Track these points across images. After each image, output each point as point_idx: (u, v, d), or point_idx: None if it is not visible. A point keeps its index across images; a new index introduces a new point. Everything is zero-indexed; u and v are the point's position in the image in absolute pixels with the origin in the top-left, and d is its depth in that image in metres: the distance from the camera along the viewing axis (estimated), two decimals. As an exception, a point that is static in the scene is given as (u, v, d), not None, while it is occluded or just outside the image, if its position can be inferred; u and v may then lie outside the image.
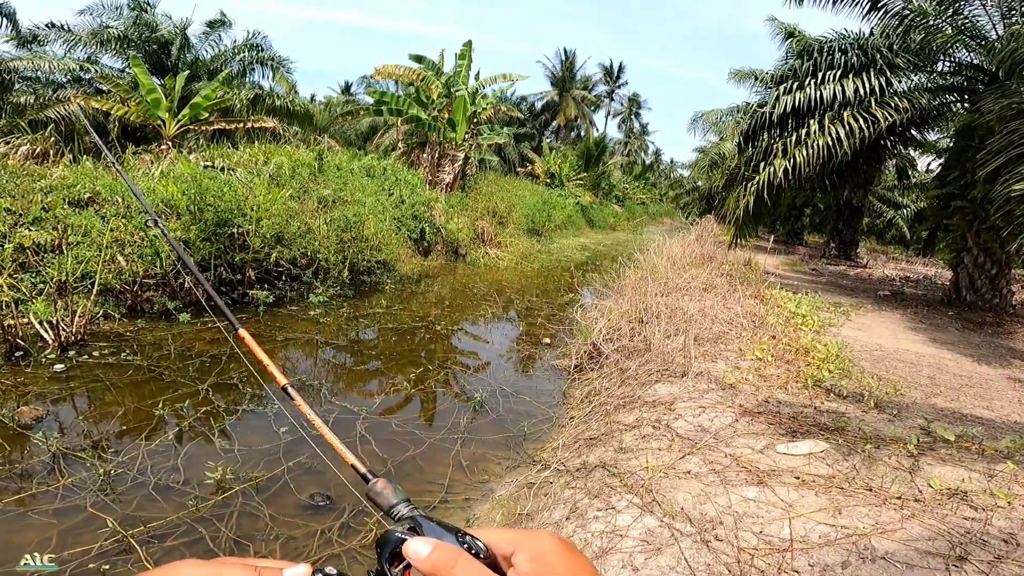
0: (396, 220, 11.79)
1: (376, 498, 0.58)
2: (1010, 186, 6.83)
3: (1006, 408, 4.84)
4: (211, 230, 7.46)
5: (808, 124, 9.90)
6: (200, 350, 6.05)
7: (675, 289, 9.17)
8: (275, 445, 4.21)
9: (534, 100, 49.69)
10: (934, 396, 5.01)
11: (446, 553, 0.42)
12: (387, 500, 0.57)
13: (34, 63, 13.03)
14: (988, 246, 9.86)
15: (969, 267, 10.05)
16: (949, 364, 6.20)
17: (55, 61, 13.19)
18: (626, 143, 62.96)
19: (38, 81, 13.93)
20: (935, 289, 13.09)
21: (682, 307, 7.51)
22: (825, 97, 10.36)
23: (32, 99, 12.63)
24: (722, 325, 6.84)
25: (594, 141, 33.90)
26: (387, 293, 9.48)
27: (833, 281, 13.77)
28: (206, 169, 9.61)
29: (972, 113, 10.82)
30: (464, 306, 9.34)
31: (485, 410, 5.28)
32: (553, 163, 28.60)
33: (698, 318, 7.01)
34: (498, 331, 8.40)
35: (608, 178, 33.64)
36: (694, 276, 9.92)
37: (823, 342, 6.24)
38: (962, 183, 10.24)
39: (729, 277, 10.87)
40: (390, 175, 13.12)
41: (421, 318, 8.22)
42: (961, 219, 10.32)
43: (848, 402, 4.65)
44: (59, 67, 13.25)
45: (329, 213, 9.62)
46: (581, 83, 53.73)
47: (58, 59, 13.36)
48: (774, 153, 9.83)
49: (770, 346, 6.05)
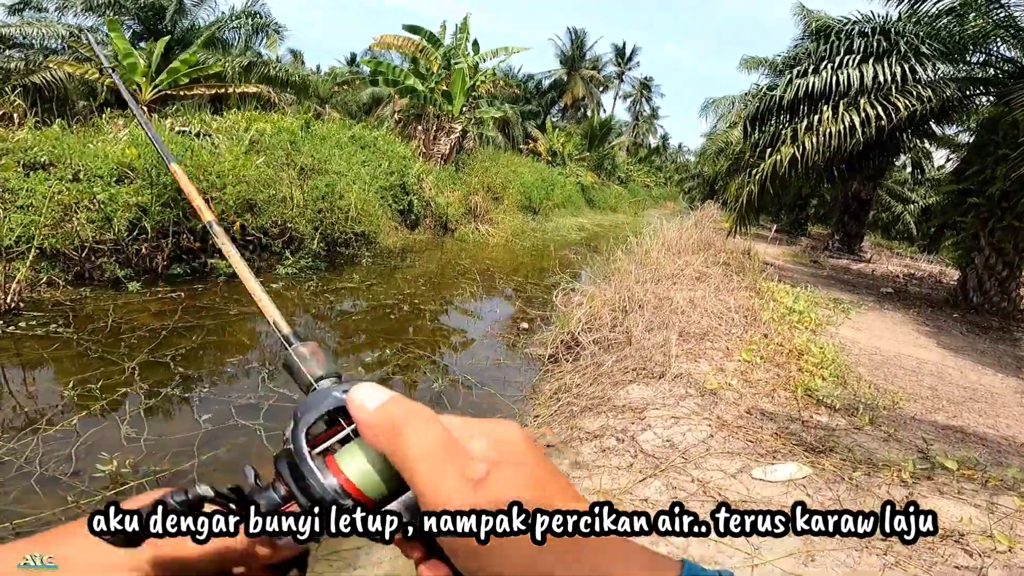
0: (383, 191, 11.23)
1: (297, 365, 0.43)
2: None
3: (1013, 427, 4.34)
4: (171, 195, 6.92)
5: (821, 110, 9.25)
6: (141, 323, 5.56)
7: (666, 277, 8.63)
8: (192, 435, 3.74)
9: (541, 78, 48.62)
10: (935, 411, 4.50)
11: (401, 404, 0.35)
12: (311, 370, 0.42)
13: (23, 29, 12.67)
14: (1001, 246, 9.26)
15: (979, 268, 9.47)
16: (952, 373, 5.68)
17: (45, 26, 12.76)
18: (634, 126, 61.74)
19: (30, 47, 13.51)
20: (940, 289, 12.51)
21: (672, 297, 6.99)
22: (841, 82, 9.67)
23: (22, 65, 12.13)
24: (712, 319, 6.32)
25: (599, 121, 33.01)
26: (363, 267, 8.96)
27: (834, 276, 13.19)
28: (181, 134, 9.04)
29: (999, 106, 10.13)
30: (442, 284, 8.82)
31: (442, 403, 4.81)
32: (556, 141, 27.81)
33: (687, 310, 6.49)
34: (473, 313, 7.89)
35: (611, 159, 32.84)
36: (688, 263, 9.37)
37: (819, 343, 5.72)
38: (981, 179, 9.60)
39: (726, 266, 10.32)
40: (381, 146, 12.50)
41: (392, 296, 7.72)
42: (976, 217, 9.70)
43: (840, 415, 4.15)
44: (50, 33, 12.84)
45: (309, 182, 9.06)
46: (590, 63, 52.55)
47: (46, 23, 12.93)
48: (782, 139, 9.20)
49: (761, 346, 5.54)
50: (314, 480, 0.35)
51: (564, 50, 49.99)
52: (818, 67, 9.86)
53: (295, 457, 0.36)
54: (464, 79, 15.20)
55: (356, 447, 0.37)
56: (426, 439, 0.33)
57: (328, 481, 0.35)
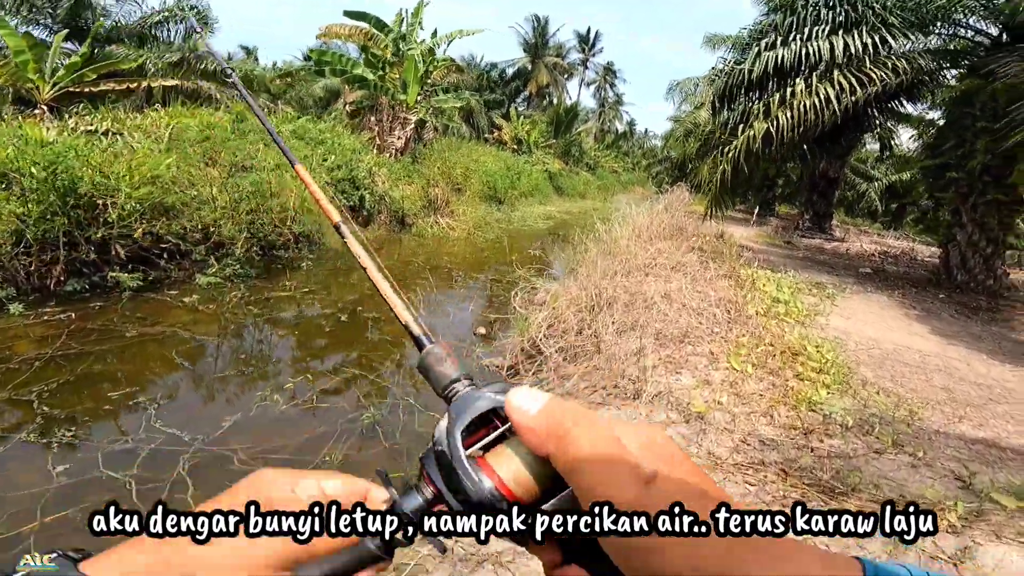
0: (329, 187, 10.18)
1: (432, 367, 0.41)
2: None
3: (1053, 438, 3.64)
4: (59, 202, 5.81)
5: (794, 83, 8.52)
6: (16, 352, 4.52)
7: (638, 268, 7.84)
8: (40, 491, 2.82)
9: (505, 66, 47.57)
10: (958, 419, 3.78)
11: (563, 406, 0.34)
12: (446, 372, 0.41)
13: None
14: (985, 222, 8.71)
15: (962, 245, 8.91)
16: (959, 366, 5.00)
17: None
18: (600, 112, 61.11)
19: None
20: (916, 267, 12.03)
21: (645, 291, 6.19)
22: (812, 55, 8.97)
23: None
24: (691, 316, 5.53)
25: (564, 108, 32.13)
26: (303, 272, 7.94)
27: (810, 256, 12.62)
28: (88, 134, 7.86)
29: (974, 78, 9.58)
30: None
31: (376, 434, 3.92)
32: (521, 129, 26.85)
33: (662, 306, 5.69)
34: (423, 319, 6.94)
35: (578, 146, 32.05)
36: (660, 251, 8.60)
37: (813, 341, 4.97)
38: (959, 153, 9.04)
39: (700, 252, 9.59)
40: (327, 139, 11.42)
41: (332, 304, 6.75)
42: (956, 192, 9.15)
43: (854, 435, 3.39)
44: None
45: (237, 180, 7.99)
46: (554, 50, 51.69)
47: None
48: (754, 115, 8.45)
49: (750, 348, 4.76)
50: (469, 481, 0.34)
51: (527, 38, 49.07)
52: (787, 39, 9.15)
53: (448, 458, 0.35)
54: (417, 66, 14.15)
55: (509, 449, 0.36)
56: (595, 440, 0.32)
57: (484, 483, 0.34)
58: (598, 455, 0.32)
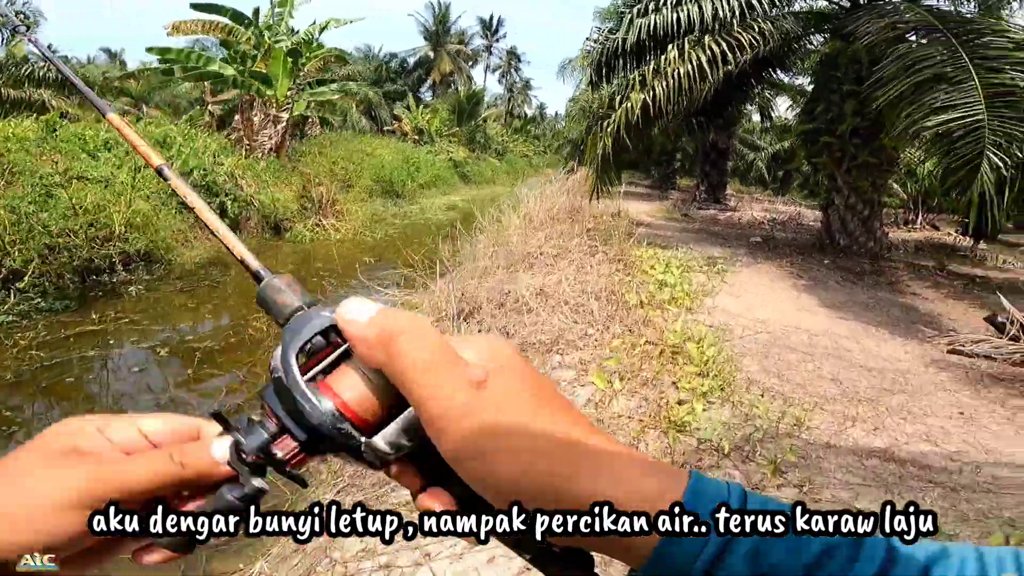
0: (175, 196, 8.70)
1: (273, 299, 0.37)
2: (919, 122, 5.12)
3: (953, 434, 3.12)
4: None
5: (667, 51, 7.93)
6: None
7: (521, 259, 7.03)
8: None
9: (405, 56, 45.70)
10: (851, 422, 3.19)
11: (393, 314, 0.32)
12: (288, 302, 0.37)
13: None
14: (859, 185, 8.57)
15: (840, 208, 8.75)
16: (850, 347, 4.52)
17: None
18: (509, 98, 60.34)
19: None
20: (803, 231, 12.05)
21: (517, 289, 5.37)
22: (683, 20, 8.44)
23: None
24: (565, 315, 4.76)
25: (466, 95, 30.99)
26: (130, 299, 6.53)
27: (705, 228, 12.39)
28: None
29: (836, 41, 9.42)
30: (238, 309, 6.63)
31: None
32: (421, 119, 25.50)
33: (534, 305, 4.88)
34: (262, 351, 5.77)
35: (483, 132, 31.04)
36: (548, 238, 7.85)
37: (697, 334, 4.30)
38: (829, 117, 8.83)
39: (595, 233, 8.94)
40: (175, 141, 9.82)
41: (151, 336, 5.47)
42: (830, 157, 8.96)
43: (732, 463, 2.69)
44: None
45: (9, 193, 6.43)
46: (456, 37, 50.31)
47: None
48: (631, 86, 7.79)
49: (626, 349, 4.04)
50: (308, 405, 0.31)
51: (427, 26, 47.41)
52: (659, 5, 8.58)
53: (286, 384, 0.32)
54: (285, 60, 12.63)
55: (349, 367, 0.33)
56: (423, 347, 0.30)
57: (324, 405, 0.32)
58: (425, 360, 0.30)
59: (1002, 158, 4.44)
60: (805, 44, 11.09)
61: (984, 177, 4.40)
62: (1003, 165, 4.42)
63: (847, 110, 8.41)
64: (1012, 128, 4.57)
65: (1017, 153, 4.49)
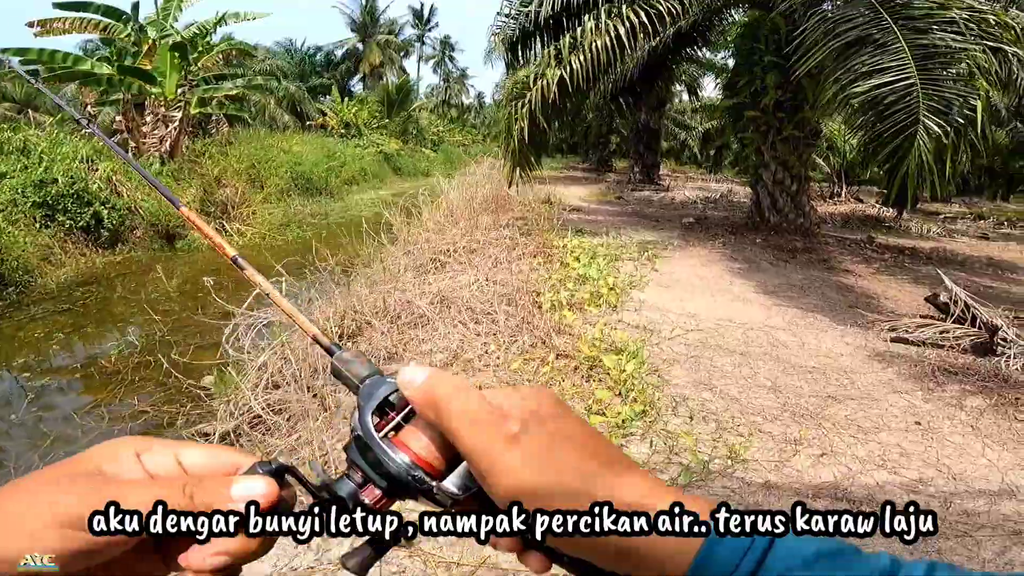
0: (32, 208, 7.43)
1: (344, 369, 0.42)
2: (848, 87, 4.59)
3: (912, 454, 2.55)
4: None
5: (584, 23, 7.23)
6: None
7: (431, 259, 6.22)
8: None
9: (332, 48, 43.67)
10: (792, 450, 2.58)
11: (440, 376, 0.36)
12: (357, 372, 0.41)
13: None
14: (786, 160, 8.19)
15: (768, 184, 8.36)
16: (787, 342, 3.96)
17: None
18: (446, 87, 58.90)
19: None
20: (735, 209, 11.75)
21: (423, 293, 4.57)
22: (597, -11, 7.75)
23: None
24: (469, 326, 4.00)
25: (395, 86, 29.61)
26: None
27: (638, 210, 11.91)
28: None
29: (755, 9, 8.99)
30: (95, 338, 5.53)
31: None
32: (347, 112, 24.02)
33: (435, 317, 4.10)
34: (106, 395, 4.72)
35: (416, 123, 29.78)
36: (464, 232, 7.06)
37: (618, 341, 3.63)
38: (752, 90, 8.40)
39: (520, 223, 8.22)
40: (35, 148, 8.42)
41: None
42: (755, 131, 8.55)
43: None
44: None
45: None
46: (386, 27, 48.52)
47: None
48: (547, 62, 7.06)
49: (532, 367, 3.32)
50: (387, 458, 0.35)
51: (354, 18, 45.45)
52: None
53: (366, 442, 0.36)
54: (172, 56, 11.28)
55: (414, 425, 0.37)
56: (464, 407, 0.33)
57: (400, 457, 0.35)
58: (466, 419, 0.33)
59: (941, 124, 3.98)
60: (727, 17, 10.71)
61: (921, 145, 3.93)
62: (942, 133, 3.96)
63: (769, 83, 7.99)
64: (948, 91, 4.12)
65: (958, 119, 4.04)
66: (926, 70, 4.26)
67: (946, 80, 4.20)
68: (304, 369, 3.49)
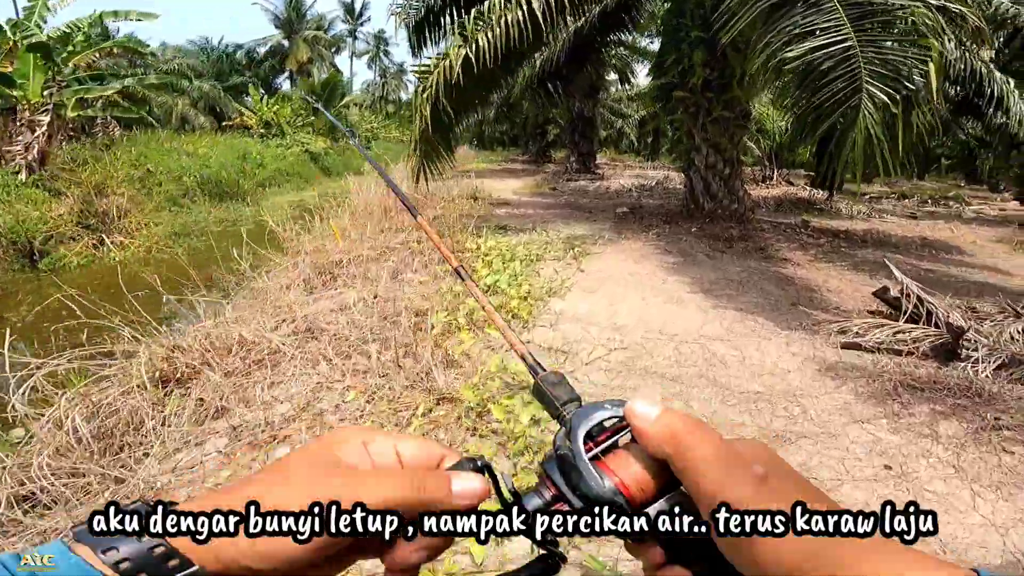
0: None
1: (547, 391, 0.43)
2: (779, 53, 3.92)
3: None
4: None
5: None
6: None
7: (322, 272, 5.26)
8: None
9: (254, 46, 41.21)
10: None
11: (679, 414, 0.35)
12: (560, 395, 0.42)
13: None
14: (717, 142, 7.65)
15: (701, 169, 7.81)
16: (726, 357, 3.27)
17: None
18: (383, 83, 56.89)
19: None
20: (671, 196, 11.25)
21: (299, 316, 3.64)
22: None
23: None
24: (337, 361, 3.12)
25: (321, 83, 28.00)
26: None
27: (572, 202, 11.23)
28: None
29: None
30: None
31: None
32: (267, 111, 22.32)
33: (294, 352, 3.19)
34: None
35: (346, 120, 28.23)
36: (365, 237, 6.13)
37: (515, 376, 2.83)
38: (680, 69, 7.81)
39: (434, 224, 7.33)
40: None
41: None
42: (685, 112, 7.98)
43: None
44: None
45: None
46: (313, 23, 46.30)
47: None
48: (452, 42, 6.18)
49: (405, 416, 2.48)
50: (593, 481, 0.35)
51: (277, 14, 43.06)
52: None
53: (572, 460, 0.36)
54: (33, 57, 9.79)
55: (627, 453, 0.37)
56: (708, 445, 0.33)
57: (605, 482, 0.35)
58: (715, 456, 0.32)
59: (887, 91, 3.39)
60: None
61: (867, 116, 3.33)
62: (890, 101, 3.37)
63: (696, 60, 7.41)
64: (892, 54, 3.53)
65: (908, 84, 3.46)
66: (863, 30, 3.67)
67: (888, 41, 3.63)
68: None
